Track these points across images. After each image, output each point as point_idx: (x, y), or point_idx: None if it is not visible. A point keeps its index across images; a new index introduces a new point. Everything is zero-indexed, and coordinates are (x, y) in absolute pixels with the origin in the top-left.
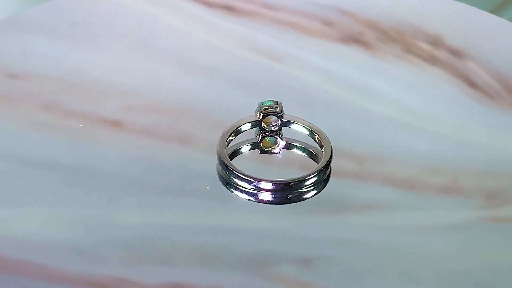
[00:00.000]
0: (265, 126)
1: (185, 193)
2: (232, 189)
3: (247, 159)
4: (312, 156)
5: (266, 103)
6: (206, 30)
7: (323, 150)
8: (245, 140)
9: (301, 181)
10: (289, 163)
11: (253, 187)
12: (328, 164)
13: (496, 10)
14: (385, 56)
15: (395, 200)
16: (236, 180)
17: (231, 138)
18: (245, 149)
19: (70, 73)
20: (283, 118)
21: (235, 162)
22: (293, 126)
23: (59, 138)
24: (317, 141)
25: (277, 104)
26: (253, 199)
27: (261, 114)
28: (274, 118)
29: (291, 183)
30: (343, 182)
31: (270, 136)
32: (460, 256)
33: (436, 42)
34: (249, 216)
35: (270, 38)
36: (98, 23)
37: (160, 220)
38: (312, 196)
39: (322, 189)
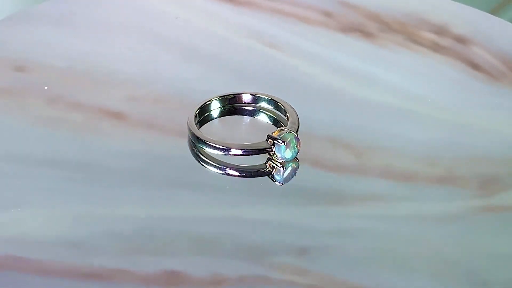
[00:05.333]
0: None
1: (183, 184)
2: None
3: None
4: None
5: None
6: (207, 19)
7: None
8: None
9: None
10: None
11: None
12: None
13: (496, 10)
14: (387, 44)
15: (391, 191)
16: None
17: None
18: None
19: (74, 64)
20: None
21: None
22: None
23: (61, 132)
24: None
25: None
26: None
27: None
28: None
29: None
30: (340, 173)
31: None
32: (454, 245)
33: (440, 31)
34: (247, 206)
35: (271, 26)
36: (100, 13)
37: (158, 211)
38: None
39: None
